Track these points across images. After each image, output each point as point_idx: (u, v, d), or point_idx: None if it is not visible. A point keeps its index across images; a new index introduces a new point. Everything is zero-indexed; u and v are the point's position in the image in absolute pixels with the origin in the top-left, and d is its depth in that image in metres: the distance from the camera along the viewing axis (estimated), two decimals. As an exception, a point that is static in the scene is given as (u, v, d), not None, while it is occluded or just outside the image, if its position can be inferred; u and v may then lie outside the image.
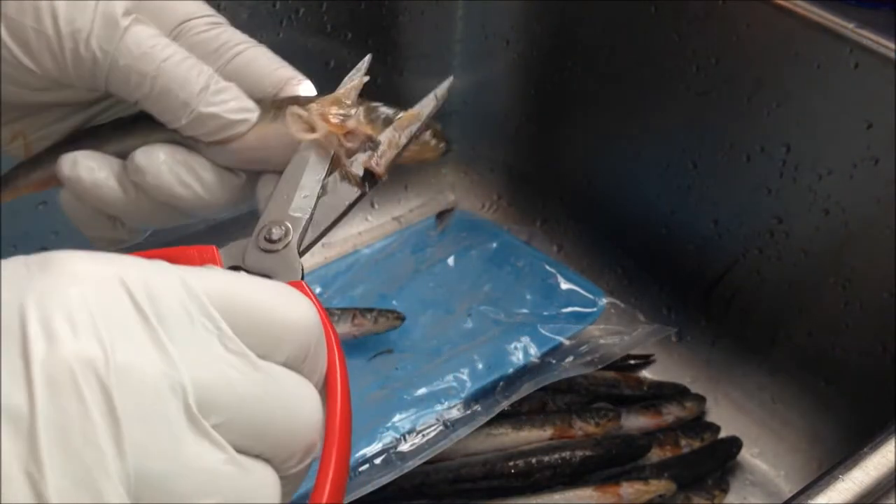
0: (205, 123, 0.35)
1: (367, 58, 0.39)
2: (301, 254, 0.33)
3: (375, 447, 0.58)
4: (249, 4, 0.69)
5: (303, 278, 0.31)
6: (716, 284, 0.70)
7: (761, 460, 0.67)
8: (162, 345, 0.21)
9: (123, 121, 0.38)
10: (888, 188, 0.58)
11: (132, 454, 0.20)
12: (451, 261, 0.75)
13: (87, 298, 0.21)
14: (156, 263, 0.23)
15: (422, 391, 0.62)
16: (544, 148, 0.82)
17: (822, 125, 0.60)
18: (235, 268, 0.31)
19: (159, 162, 0.35)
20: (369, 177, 0.36)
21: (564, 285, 0.71)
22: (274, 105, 0.36)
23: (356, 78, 0.38)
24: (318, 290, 0.73)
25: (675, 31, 0.66)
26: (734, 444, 0.66)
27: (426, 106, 0.37)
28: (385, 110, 0.37)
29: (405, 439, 0.58)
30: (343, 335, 0.66)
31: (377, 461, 0.57)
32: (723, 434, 0.67)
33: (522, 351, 0.65)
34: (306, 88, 0.37)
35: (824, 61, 0.58)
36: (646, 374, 0.73)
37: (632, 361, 0.73)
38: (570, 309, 0.69)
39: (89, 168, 0.35)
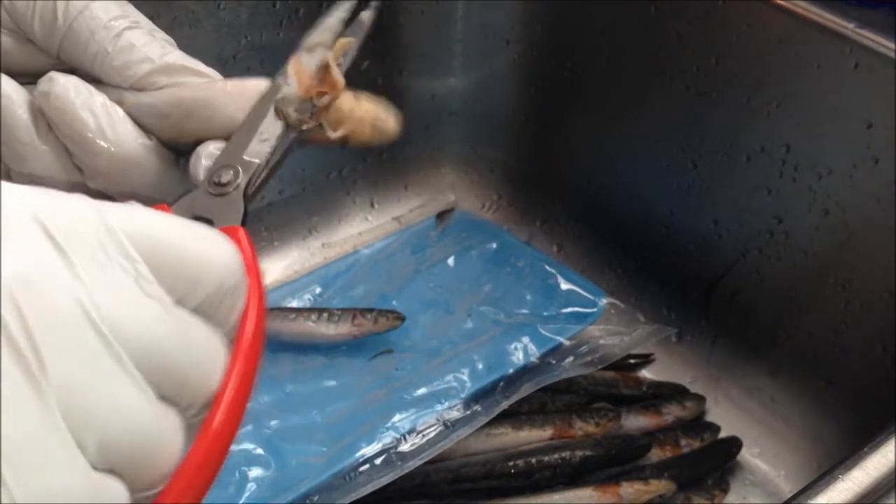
0: (174, 73, 0.35)
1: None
2: (250, 198, 0.31)
3: (375, 447, 0.58)
4: (249, 4, 0.69)
5: (244, 224, 0.30)
6: (716, 284, 0.70)
7: (761, 460, 0.67)
8: (77, 275, 0.20)
9: None
10: (888, 188, 0.58)
11: (54, 379, 0.19)
12: (451, 261, 0.75)
13: None
14: (73, 197, 0.22)
15: (422, 391, 0.62)
16: (544, 148, 0.82)
17: (822, 125, 0.60)
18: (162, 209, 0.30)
19: (68, 80, 0.34)
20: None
21: (564, 285, 0.71)
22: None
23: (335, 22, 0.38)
24: (318, 291, 0.73)
25: (675, 31, 0.66)
26: (734, 444, 0.66)
27: (357, 33, 0.38)
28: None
29: (405, 439, 0.58)
30: (343, 335, 0.66)
31: (377, 461, 0.57)
32: (723, 434, 0.67)
33: (522, 351, 0.65)
34: None
35: (824, 61, 0.58)
36: (645, 373, 0.73)
37: (632, 361, 0.73)
38: (570, 309, 0.69)
39: (9, 84, 0.34)
